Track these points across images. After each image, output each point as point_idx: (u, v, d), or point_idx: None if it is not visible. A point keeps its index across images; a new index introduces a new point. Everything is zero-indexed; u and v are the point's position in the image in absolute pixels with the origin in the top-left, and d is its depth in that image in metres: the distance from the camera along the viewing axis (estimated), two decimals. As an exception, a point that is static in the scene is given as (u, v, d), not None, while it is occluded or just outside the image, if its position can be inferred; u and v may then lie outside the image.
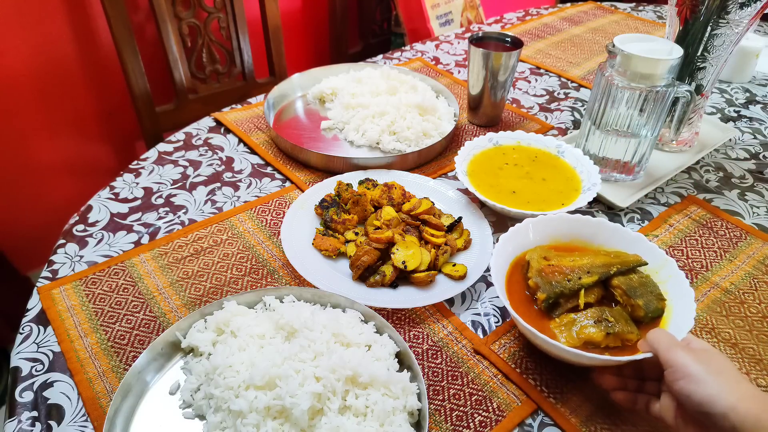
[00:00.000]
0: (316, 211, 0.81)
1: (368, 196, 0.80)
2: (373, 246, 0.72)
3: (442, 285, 0.71)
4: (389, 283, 0.70)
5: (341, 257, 0.75)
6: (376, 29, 2.31)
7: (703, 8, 0.82)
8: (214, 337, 0.61)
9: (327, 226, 0.78)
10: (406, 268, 0.70)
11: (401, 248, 0.72)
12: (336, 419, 0.51)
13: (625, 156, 0.86)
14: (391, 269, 0.71)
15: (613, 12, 1.59)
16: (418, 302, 0.68)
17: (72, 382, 0.60)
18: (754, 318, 0.69)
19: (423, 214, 0.77)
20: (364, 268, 0.71)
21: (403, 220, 0.77)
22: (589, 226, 0.70)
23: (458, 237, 0.77)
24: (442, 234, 0.75)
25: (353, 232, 0.78)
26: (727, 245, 0.79)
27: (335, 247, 0.75)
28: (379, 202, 0.80)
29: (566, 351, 0.55)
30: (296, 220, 0.78)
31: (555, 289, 0.62)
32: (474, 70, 0.99)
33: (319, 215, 0.80)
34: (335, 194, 0.82)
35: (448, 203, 0.84)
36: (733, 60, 1.20)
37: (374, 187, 0.83)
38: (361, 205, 0.79)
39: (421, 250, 0.72)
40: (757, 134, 1.05)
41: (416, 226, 0.76)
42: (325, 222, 0.78)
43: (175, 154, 0.95)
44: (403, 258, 0.70)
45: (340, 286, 0.69)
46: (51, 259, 0.74)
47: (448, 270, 0.72)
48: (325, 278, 0.70)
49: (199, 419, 0.56)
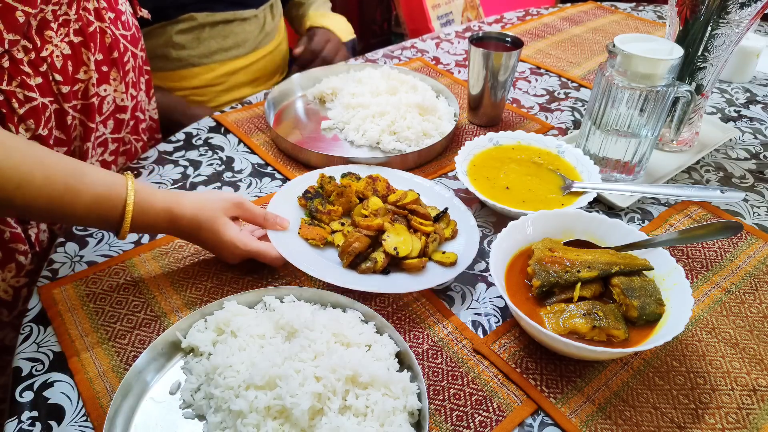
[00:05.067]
0: (300, 202, 0.80)
1: (353, 188, 0.79)
2: (364, 233, 0.71)
3: (434, 271, 0.71)
4: (381, 269, 0.70)
5: (328, 247, 0.75)
6: (377, 29, 2.31)
7: (704, 8, 0.82)
8: (215, 337, 0.61)
9: (312, 216, 0.78)
10: (398, 255, 0.70)
11: (392, 234, 0.71)
12: (336, 419, 0.51)
13: (625, 156, 0.86)
14: (382, 256, 0.70)
15: (614, 12, 1.59)
16: (411, 287, 0.68)
17: (72, 382, 0.60)
18: (755, 318, 0.69)
19: (410, 204, 0.77)
20: (355, 255, 0.70)
21: (390, 210, 0.76)
22: (603, 226, 0.71)
23: (445, 227, 0.77)
24: (430, 222, 0.76)
25: (339, 222, 0.77)
26: (727, 245, 0.79)
27: (322, 236, 0.74)
28: (364, 193, 0.80)
29: (546, 335, 0.58)
30: (279, 212, 0.77)
31: (550, 278, 0.64)
32: (474, 70, 0.99)
33: (303, 206, 0.79)
34: (318, 186, 0.82)
35: (432, 196, 0.83)
36: (734, 60, 1.20)
37: (357, 180, 0.83)
38: (345, 196, 0.78)
39: (412, 237, 0.72)
40: (758, 134, 1.05)
41: (404, 216, 0.76)
42: (310, 212, 0.78)
43: (175, 154, 0.95)
44: (395, 244, 0.70)
45: (330, 273, 0.69)
46: (51, 258, 0.74)
47: (439, 257, 0.73)
48: (314, 266, 0.69)
49: (199, 419, 0.56)
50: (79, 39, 0.77)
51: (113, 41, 0.83)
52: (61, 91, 0.76)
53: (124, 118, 0.90)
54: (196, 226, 0.68)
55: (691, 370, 0.63)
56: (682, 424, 0.58)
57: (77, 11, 0.76)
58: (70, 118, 0.79)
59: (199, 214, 0.68)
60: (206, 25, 1.20)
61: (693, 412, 0.59)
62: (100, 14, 0.80)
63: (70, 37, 0.76)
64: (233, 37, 1.25)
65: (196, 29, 1.19)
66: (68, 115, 0.79)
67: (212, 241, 0.69)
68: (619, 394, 0.60)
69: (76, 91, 0.79)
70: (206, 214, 0.68)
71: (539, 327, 0.58)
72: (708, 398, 0.60)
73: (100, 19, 0.80)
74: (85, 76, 0.79)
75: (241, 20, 1.24)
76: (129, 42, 0.88)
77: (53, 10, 0.73)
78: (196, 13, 1.18)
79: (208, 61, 1.23)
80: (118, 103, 0.88)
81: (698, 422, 0.58)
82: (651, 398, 0.60)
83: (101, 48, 0.81)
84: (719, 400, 0.60)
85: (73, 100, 0.79)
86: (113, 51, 0.83)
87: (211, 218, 0.68)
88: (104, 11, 0.81)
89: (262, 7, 1.29)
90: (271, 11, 1.33)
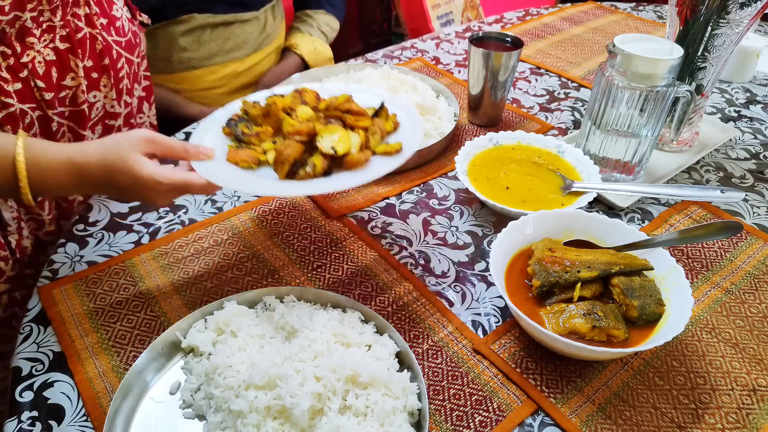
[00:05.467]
0: (224, 131, 0.72)
1: (279, 105, 0.72)
2: (296, 140, 0.66)
3: (380, 162, 0.67)
4: (322, 172, 0.65)
5: (264, 167, 0.68)
6: (377, 29, 2.31)
7: (704, 8, 0.82)
8: (215, 337, 0.61)
9: (240, 140, 0.70)
10: (337, 153, 0.65)
11: (326, 134, 0.66)
12: (336, 419, 0.51)
13: (625, 156, 0.86)
14: (320, 158, 0.65)
15: (614, 12, 1.59)
16: (357, 181, 0.64)
17: (72, 382, 0.60)
18: (755, 318, 0.69)
19: (343, 105, 0.71)
20: (291, 163, 0.64)
21: (322, 116, 0.71)
22: (603, 226, 0.71)
23: (385, 120, 0.73)
24: (367, 117, 0.70)
25: (270, 141, 0.70)
26: (727, 245, 0.79)
27: (254, 157, 0.67)
28: (293, 108, 0.73)
29: (546, 335, 0.58)
30: (204, 144, 0.70)
31: (550, 278, 0.64)
32: (474, 70, 0.99)
33: (229, 134, 0.72)
34: (242, 113, 0.74)
35: (369, 98, 0.77)
36: (734, 60, 1.20)
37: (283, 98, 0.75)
38: (273, 115, 0.71)
39: (349, 133, 0.67)
40: (758, 134, 1.05)
41: (338, 117, 0.70)
42: (236, 137, 0.71)
43: (175, 154, 0.95)
44: (331, 144, 0.65)
45: (267, 187, 0.64)
46: (51, 258, 0.74)
47: (383, 148, 0.68)
48: (248, 183, 0.64)
49: (199, 419, 0.56)
50: (66, 45, 0.76)
51: (104, 47, 0.82)
52: (44, 98, 0.75)
53: (115, 124, 0.89)
54: (107, 170, 0.61)
55: (691, 370, 0.63)
56: (682, 424, 0.58)
57: (63, 18, 0.75)
58: (55, 125, 0.78)
59: (107, 155, 0.61)
60: (207, 27, 1.20)
61: (693, 412, 0.59)
62: (90, 20, 0.79)
63: (56, 43, 0.75)
64: (234, 38, 1.25)
65: (197, 31, 1.20)
66: (53, 122, 0.78)
67: (131, 184, 0.61)
68: (619, 394, 0.60)
69: (63, 98, 0.78)
70: (115, 155, 0.61)
71: (539, 327, 0.58)
72: (708, 398, 0.60)
73: (90, 26, 0.79)
74: (73, 82, 0.78)
75: (241, 22, 1.25)
76: (123, 48, 0.86)
77: (33, 17, 0.71)
78: (197, 14, 1.18)
79: (209, 63, 1.23)
80: (108, 109, 0.86)
81: (698, 422, 0.58)
82: (651, 398, 0.60)
83: (91, 54, 0.80)
84: (719, 400, 0.60)
85: (60, 106, 0.78)
86: (104, 57, 0.82)
87: (123, 157, 0.61)
88: (96, 17, 0.80)
89: (263, 9, 1.29)
90: (272, 12, 1.33)
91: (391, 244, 0.78)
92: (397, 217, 0.83)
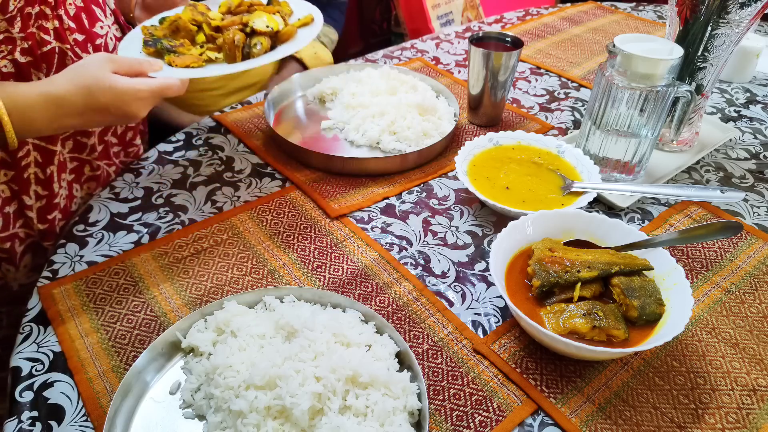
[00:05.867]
0: (148, 51, 0.78)
1: (186, 18, 0.79)
2: (236, 29, 0.76)
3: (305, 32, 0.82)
4: (269, 48, 0.77)
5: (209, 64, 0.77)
6: (376, 29, 2.31)
7: (704, 8, 0.82)
8: (215, 337, 0.61)
9: (171, 52, 0.76)
10: (274, 30, 0.77)
11: (256, 18, 0.77)
12: (336, 419, 0.51)
13: (625, 156, 0.86)
14: (263, 37, 0.76)
15: (614, 12, 1.59)
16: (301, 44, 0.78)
17: (72, 382, 0.60)
18: (755, 318, 0.69)
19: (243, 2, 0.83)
20: (241, 47, 0.75)
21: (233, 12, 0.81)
22: (603, 226, 0.71)
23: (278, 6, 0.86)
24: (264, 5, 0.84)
25: (198, 46, 0.78)
26: (727, 245, 0.79)
27: (197, 59, 0.75)
28: (195, 19, 0.80)
29: (546, 335, 0.58)
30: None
31: (550, 278, 0.64)
32: (474, 70, 0.99)
33: (153, 53, 0.78)
34: (149, 36, 0.79)
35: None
36: (734, 60, 1.20)
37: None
38: (183, 29, 0.78)
39: (271, 16, 0.79)
40: (758, 134, 1.05)
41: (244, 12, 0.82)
42: (166, 50, 0.76)
43: (175, 154, 0.95)
44: (266, 22, 0.77)
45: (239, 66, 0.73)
46: (51, 258, 0.74)
47: (300, 22, 0.83)
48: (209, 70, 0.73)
49: (199, 419, 0.56)
50: (27, 59, 0.73)
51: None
52: None
53: (87, 142, 0.86)
54: (86, 93, 0.63)
55: (691, 370, 0.63)
56: (682, 424, 0.58)
57: (25, 30, 0.72)
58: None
59: (82, 80, 0.63)
60: None
61: (693, 412, 0.59)
62: (61, 35, 0.76)
63: (15, 55, 0.72)
64: None
65: None
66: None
67: (113, 100, 0.64)
68: (619, 394, 0.60)
69: None
70: (90, 78, 0.63)
71: (539, 327, 0.58)
72: (708, 398, 0.60)
73: (60, 40, 0.77)
74: None
75: None
76: None
77: None
78: None
79: None
80: None
81: (698, 422, 0.58)
82: (651, 398, 0.60)
83: (58, 69, 0.76)
84: (719, 400, 0.60)
85: None
86: None
87: (98, 78, 0.63)
88: (69, 32, 0.78)
89: None
90: None
91: (391, 244, 0.78)
92: (397, 217, 0.83)
